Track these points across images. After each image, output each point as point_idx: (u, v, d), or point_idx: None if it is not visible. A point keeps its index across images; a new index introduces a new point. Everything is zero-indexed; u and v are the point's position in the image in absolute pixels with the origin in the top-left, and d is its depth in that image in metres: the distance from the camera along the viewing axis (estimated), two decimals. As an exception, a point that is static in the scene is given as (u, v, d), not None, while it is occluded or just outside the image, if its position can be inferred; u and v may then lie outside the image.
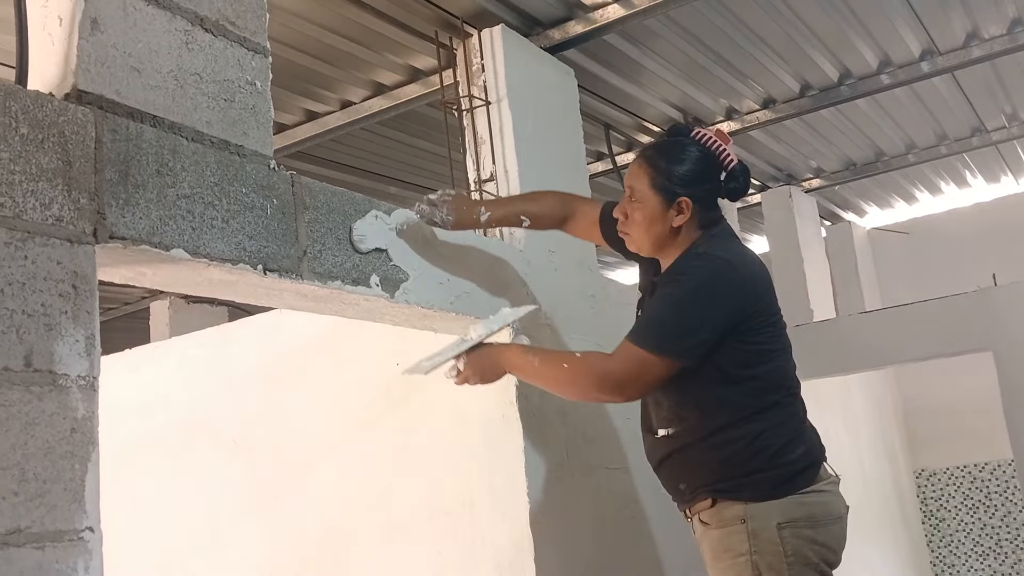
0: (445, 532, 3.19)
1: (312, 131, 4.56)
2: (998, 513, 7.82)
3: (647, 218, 2.58)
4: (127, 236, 1.91)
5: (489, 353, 2.68)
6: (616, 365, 2.43)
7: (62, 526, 1.68)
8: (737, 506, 2.42)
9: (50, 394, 1.71)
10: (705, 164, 2.58)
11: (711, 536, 2.48)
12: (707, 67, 4.64)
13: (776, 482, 2.41)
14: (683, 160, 2.57)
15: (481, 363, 2.68)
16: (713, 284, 2.43)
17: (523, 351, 2.68)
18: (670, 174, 2.56)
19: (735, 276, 2.46)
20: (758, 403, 2.45)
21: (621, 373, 2.42)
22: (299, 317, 3.24)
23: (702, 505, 2.50)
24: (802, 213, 6.71)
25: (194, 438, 3.80)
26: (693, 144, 2.60)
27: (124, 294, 6.91)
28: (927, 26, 4.50)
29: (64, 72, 1.92)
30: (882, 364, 6.62)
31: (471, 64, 3.71)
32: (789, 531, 2.37)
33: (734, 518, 2.42)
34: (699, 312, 2.41)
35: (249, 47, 2.30)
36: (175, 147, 2.06)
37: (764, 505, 2.39)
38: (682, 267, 2.51)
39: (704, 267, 2.46)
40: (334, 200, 2.48)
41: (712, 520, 2.47)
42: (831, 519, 2.46)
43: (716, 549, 2.46)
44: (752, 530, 2.38)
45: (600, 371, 2.46)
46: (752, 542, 2.37)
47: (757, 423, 2.43)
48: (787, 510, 2.39)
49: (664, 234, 2.58)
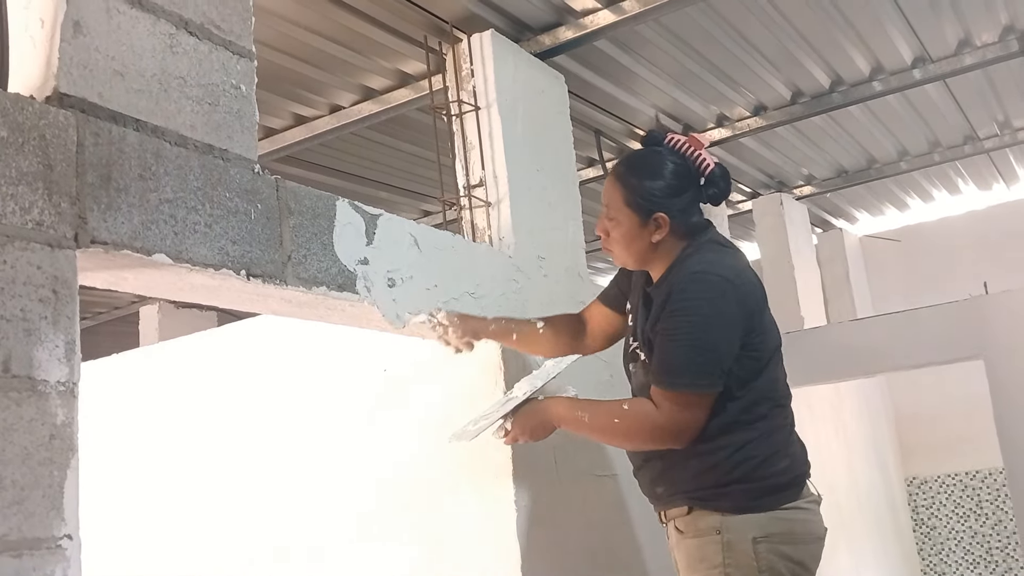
0: (432, 539, 3.17)
1: (301, 135, 4.55)
2: (989, 521, 7.82)
3: (625, 236, 2.55)
4: (108, 241, 1.89)
5: (537, 410, 2.59)
6: (664, 418, 2.37)
7: (40, 533, 1.66)
8: (713, 516, 2.39)
9: (29, 400, 1.69)
10: (680, 174, 2.53)
11: (686, 544, 2.45)
12: (698, 73, 4.63)
13: (755, 495, 2.39)
14: (656, 174, 2.52)
15: (530, 421, 2.60)
16: (721, 307, 2.39)
17: (571, 406, 2.58)
18: (643, 191, 2.51)
19: (736, 294, 2.41)
20: (746, 414, 2.42)
21: (672, 424, 2.37)
22: (286, 322, 3.23)
23: (678, 512, 2.48)
24: (793, 220, 6.71)
25: (180, 444, 3.78)
26: (668, 154, 2.55)
27: (113, 298, 6.90)
28: (919, 33, 4.50)
29: (45, 75, 1.90)
30: (873, 372, 6.61)
31: (460, 69, 3.70)
32: (765, 546, 2.34)
33: (709, 528, 2.39)
34: (717, 336, 2.37)
35: (234, 50, 2.28)
36: (158, 151, 2.04)
37: (741, 518, 2.37)
38: (682, 293, 2.41)
39: (707, 291, 2.40)
40: (319, 205, 2.47)
41: (687, 528, 2.45)
42: (810, 538, 2.44)
43: (691, 558, 2.43)
44: (727, 542, 2.36)
45: (651, 425, 2.39)
46: (726, 554, 2.35)
47: (743, 433, 2.41)
48: (764, 525, 2.36)
49: (644, 249, 2.54)
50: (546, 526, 3.14)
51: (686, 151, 2.54)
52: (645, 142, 2.66)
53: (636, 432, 2.44)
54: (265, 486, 3.57)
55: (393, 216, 2.76)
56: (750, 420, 2.42)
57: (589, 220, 5.54)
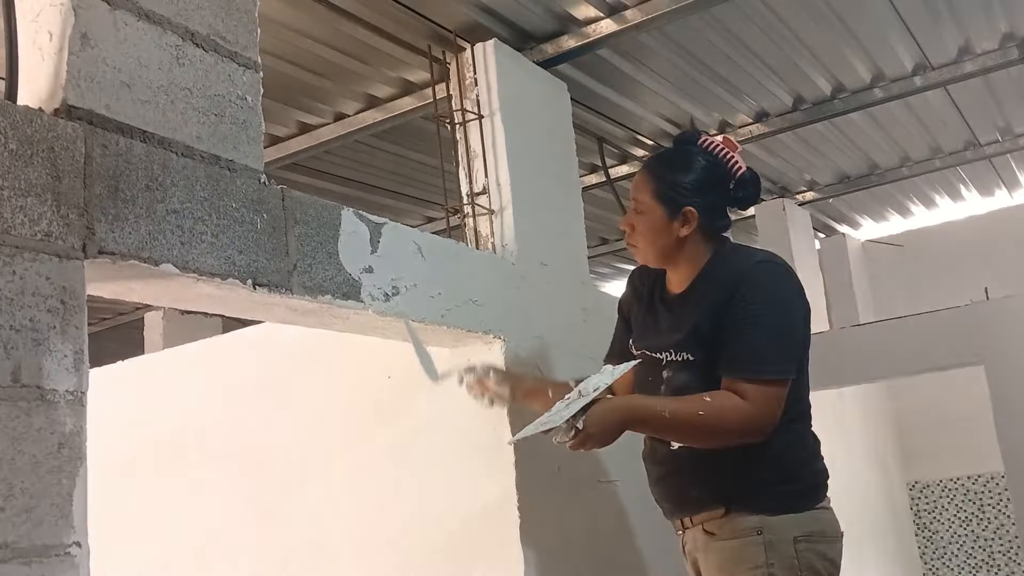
0: (436, 546, 3.19)
1: (306, 143, 4.57)
2: (991, 525, 7.82)
3: (651, 229, 2.54)
4: (116, 251, 1.90)
5: (611, 409, 2.32)
6: (754, 408, 2.30)
7: (49, 541, 1.68)
8: (753, 517, 2.38)
9: (38, 409, 1.71)
10: (712, 173, 2.54)
11: (720, 547, 2.43)
12: (700, 81, 4.65)
13: (797, 495, 2.41)
14: (688, 169, 2.54)
15: (603, 420, 2.28)
16: (798, 292, 2.42)
17: (648, 403, 2.42)
18: (674, 184, 2.52)
19: (798, 280, 2.45)
20: (790, 412, 2.40)
21: (762, 416, 2.31)
22: (291, 330, 3.24)
23: (710, 515, 2.45)
24: (796, 226, 6.72)
25: (185, 451, 3.80)
26: (699, 153, 2.56)
27: (118, 305, 6.91)
28: (919, 41, 4.51)
29: (54, 87, 1.92)
30: (876, 377, 6.61)
31: (464, 78, 3.72)
32: (804, 545, 2.35)
33: (750, 529, 2.38)
34: (796, 321, 2.40)
35: (240, 62, 2.30)
36: (165, 162, 2.06)
37: (782, 518, 2.37)
38: (756, 279, 2.39)
39: (782, 278, 2.41)
40: (325, 214, 2.49)
41: (722, 531, 2.43)
42: (837, 536, 2.46)
43: (727, 560, 2.41)
44: (769, 542, 2.35)
45: (741, 417, 2.30)
46: (768, 554, 2.34)
47: (785, 434, 2.40)
48: (804, 524, 2.38)
49: (670, 245, 2.53)
50: (550, 533, 3.15)
51: (719, 152, 2.56)
52: (679, 141, 2.67)
53: (722, 425, 2.33)
54: (264, 495, 3.58)
55: (398, 224, 2.78)
56: (792, 419, 2.43)
57: (592, 227, 5.59)
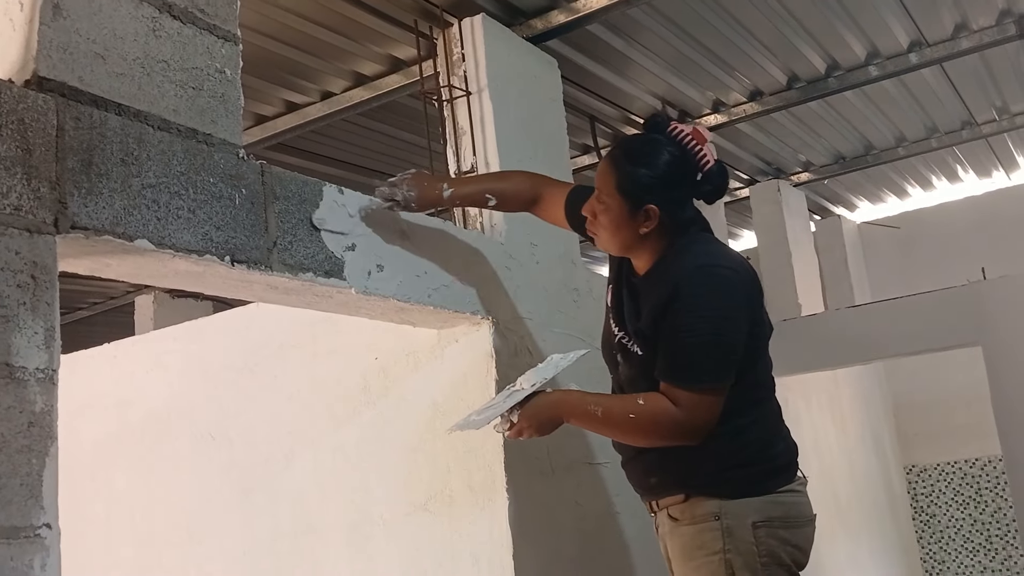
0: (423, 528, 3.15)
1: (293, 122, 4.53)
2: (988, 509, 7.81)
3: (612, 222, 2.47)
4: (89, 226, 1.87)
5: (547, 404, 2.43)
6: (685, 415, 2.30)
7: (18, 522, 1.65)
8: (712, 502, 2.36)
9: (6, 387, 1.67)
10: (677, 166, 2.44)
11: (681, 532, 2.42)
12: (693, 59, 4.60)
13: (754, 479, 2.37)
14: (653, 163, 2.43)
15: (538, 415, 2.42)
16: (734, 299, 2.36)
17: (582, 400, 2.45)
18: (637, 178, 2.42)
19: (740, 282, 2.39)
20: (744, 401, 2.38)
21: (693, 421, 2.31)
22: (276, 310, 3.20)
23: (672, 500, 2.44)
24: (791, 207, 6.68)
25: (171, 432, 3.76)
26: (667, 144, 2.46)
27: (108, 288, 6.87)
28: (915, 17, 4.48)
29: (25, 58, 1.88)
30: (871, 359, 6.60)
31: (451, 54, 3.67)
32: (764, 531, 2.32)
33: (708, 514, 2.36)
34: (732, 328, 2.34)
35: (219, 34, 2.26)
36: (140, 135, 2.02)
37: (739, 502, 2.34)
38: (692, 287, 2.35)
39: (718, 285, 2.36)
40: (305, 190, 2.44)
41: (683, 516, 2.42)
42: (803, 521, 2.42)
43: (688, 546, 2.40)
44: (726, 527, 2.33)
45: (671, 423, 2.31)
46: (726, 540, 2.32)
47: (741, 419, 2.38)
48: (763, 508, 2.34)
49: (631, 239, 2.48)
50: (538, 515, 3.12)
51: (687, 143, 2.45)
52: (647, 127, 2.56)
53: (653, 429, 2.36)
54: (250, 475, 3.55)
55: (366, 197, 2.72)
56: (747, 407, 2.40)
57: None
